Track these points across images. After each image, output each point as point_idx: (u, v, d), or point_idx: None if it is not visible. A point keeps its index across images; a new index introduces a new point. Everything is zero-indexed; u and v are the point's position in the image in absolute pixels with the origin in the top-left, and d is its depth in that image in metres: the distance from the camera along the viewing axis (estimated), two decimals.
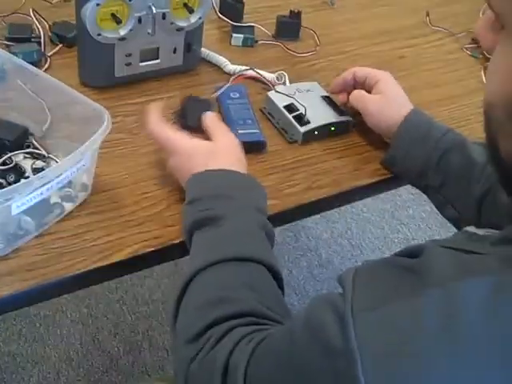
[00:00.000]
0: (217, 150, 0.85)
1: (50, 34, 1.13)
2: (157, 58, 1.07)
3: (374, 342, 0.49)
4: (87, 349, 1.64)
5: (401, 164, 0.95)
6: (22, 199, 0.74)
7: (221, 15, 1.25)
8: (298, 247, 2.04)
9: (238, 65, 1.13)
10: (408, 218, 2.19)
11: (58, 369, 1.60)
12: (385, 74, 1.01)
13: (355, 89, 1.02)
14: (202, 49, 1.14)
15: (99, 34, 0.98)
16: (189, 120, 0.89)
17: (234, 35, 1.21)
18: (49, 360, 1.61)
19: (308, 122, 1.00)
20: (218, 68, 1.15)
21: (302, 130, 0.99)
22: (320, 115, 1.01)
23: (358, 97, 1.01)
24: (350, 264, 2.00)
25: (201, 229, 0.77)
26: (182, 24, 1.05)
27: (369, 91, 1.00)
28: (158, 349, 1.67)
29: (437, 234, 2.12)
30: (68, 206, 0.85)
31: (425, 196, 0.96)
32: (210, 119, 0.90)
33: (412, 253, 0.56)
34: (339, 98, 1.06)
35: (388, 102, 0.97)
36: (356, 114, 1.03)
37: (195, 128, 0.90)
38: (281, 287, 0.74)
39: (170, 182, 0.90)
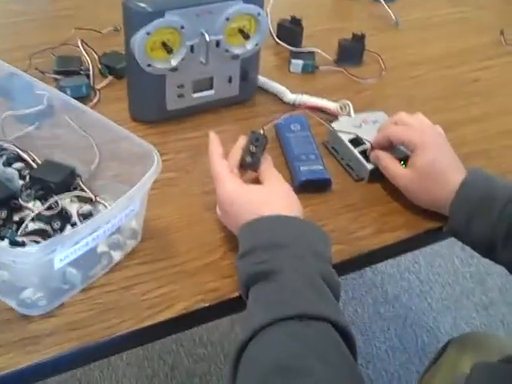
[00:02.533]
0: (269, 195, 0.77)
1: (99, 65, 1.07)
2: (211, 89, 1.00)
3: None
4: None
5: (464, 239, 0.83)
6: (65, 251, 0.67)
7: (278, 40, 1.17)
8: (362, 283, 1.93)
9: (298, 93, 1.05)
10: None
11: None
12: (424, 140, 0.84)
13: None
14: (259, 77, 1.06)
15: (149, 65, 0.92)
16: (247, 159, 0.81)
17: (293, 61, 1.13)
18: None
19: None
20: (276, 97, 1.07)
21: (370, 166, 0.90)
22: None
23: (384, 169, 0.88)
24: (419, 301, 1.89)
25: (256, 284, 0.69)
26: (237, 51, 0.97)
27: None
28: None
29: None
30: (116, 255, 0.78)
31: None
32: (267, 163, 0.82)
33: None
34: None
35: (423, 179, 0.83)
36: None
37: (254, 167, 0.82)
38: (351, 346, 0.64)
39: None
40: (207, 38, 0.92)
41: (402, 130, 0.88)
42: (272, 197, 0.77)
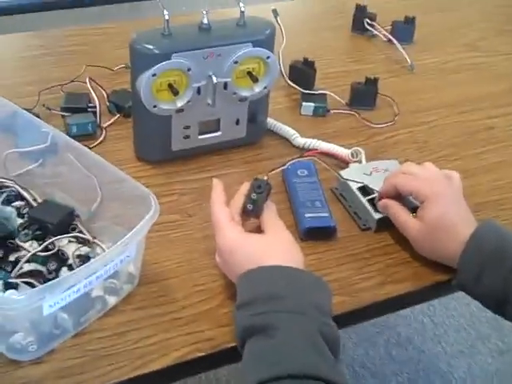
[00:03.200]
0: (269, 245, 0.75)
1: (107, 103, 1.07)
2: (217, 131, 0.98)
3: None
4: None
5: (473, 293, 0.80)
6: (54, 298, 0.66)
7: (290, 82, 1.16)
8: (374, 324, 1.88)
9: (308, 137, 1.04)
10: None
11: None
12: (433, 191, 0.81)
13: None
14: (268, 119, 1.05)
15: (155, 106, 0.90)
16: (249, 206, 0.79)
17: (304, 104, 1.12)
18: None
19: None
20: (285, 140, 1.05)
21: (377, 216, 0.88)
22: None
23: (394, 218, 0.85)
24: (432, 344, 1.84)
25: (252, 337, 0.67)
26: (245, 94, 0.96)
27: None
28: None
29: None
30: (111, 300, 0.76)
31: None
32: (269, 211, 0.80)
33: None
34: None
35: (433, 231, 0.81)
36: None
37: (255, 215, 0.80)
38: None
39: None
40: (214, 81, 0.91)
41: (409, 180, 0.85)
42: (272, 247, 0.75)
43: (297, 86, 1.15)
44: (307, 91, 1.14)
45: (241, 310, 0.70)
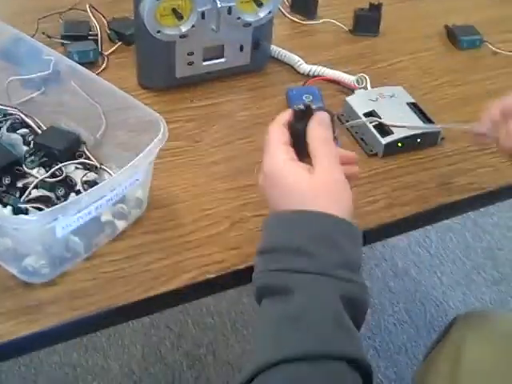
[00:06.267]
0: (314, 187, 0.65)
1: (108, 30, 1.05)
2: (222, 57, 0.97)
3: None
4: (149, 361, 1.56)
5: None
6: (67, 220, 0.66)
7: (292, 10, 1.14)
8: (372, 256, 1.91)
9: (314, 64, 1.03)
10: (492, 225, 2.01)
11: (120, 382, 1.52)
12: None
13: None
14: (272, 46, 1.04)
15: (158, 31, 0.89)
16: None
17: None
18: (110, 372, 1.53)
19: (391, 133, 0.88)
20: (289, 67, 1.04)
21: (384, 141, 0.87)
22: (405, 125, 0.89)
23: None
24: (429, 275, 1.87)
25: (269, 297, 0.61)
26: (249, 19, 0.94)
27: None
28: (222, 363, 1.57)
29: None
30: (121, 224, 0.77)
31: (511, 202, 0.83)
32: (316, 133, 0.68)
33: None
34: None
35: None
36: None
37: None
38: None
39: (235, 197, 0.81)
40: (219, 5, 0.89)
41: None
42: (317, 188, 0.65)
43: (299, 15, 1.14)
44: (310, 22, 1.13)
45: (262, 256, 0.64)
